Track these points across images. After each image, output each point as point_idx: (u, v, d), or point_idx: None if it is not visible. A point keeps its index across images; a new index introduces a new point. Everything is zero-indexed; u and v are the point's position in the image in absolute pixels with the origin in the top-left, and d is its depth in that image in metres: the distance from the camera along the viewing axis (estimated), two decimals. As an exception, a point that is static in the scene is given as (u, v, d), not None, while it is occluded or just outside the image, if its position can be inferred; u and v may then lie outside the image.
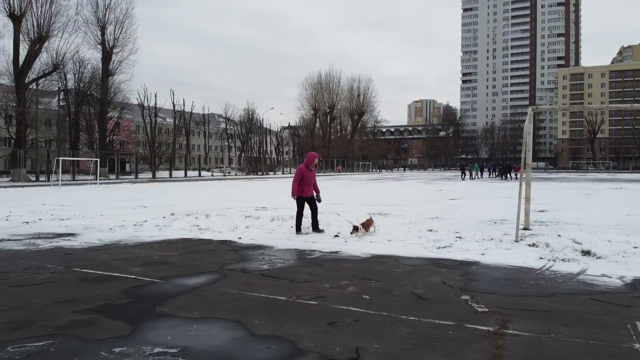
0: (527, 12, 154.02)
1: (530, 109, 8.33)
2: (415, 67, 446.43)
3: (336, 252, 7.03)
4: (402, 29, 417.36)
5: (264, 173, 60.31)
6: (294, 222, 9.84)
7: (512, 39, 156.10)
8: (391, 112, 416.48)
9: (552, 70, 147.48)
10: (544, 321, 3.98)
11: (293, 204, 9.24)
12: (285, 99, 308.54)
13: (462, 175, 42.60)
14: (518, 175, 44.17)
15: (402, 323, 3.94)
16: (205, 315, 4.19)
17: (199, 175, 50.86)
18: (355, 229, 8.47)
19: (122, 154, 59.76)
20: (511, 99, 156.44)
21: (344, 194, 20.73)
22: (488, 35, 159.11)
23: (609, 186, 28.24)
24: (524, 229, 8.85)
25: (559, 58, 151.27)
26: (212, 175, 53.36)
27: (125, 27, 49.56)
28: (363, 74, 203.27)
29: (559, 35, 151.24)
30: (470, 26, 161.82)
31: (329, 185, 30.60)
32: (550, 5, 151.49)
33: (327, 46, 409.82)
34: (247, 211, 12.65)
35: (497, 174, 46.99)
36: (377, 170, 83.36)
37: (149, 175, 49.26)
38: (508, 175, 43.65)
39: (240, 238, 8.34)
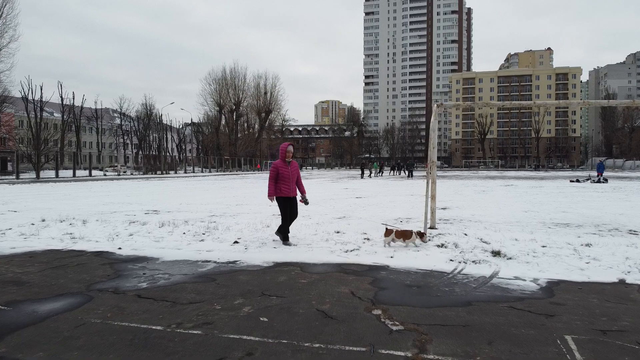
0: (424, 18, 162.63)
1: (435, 105, 8.08)
2: (321, 68, 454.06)
3: (234, 262, 6.18)
4: (308, 30, 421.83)
5: (163, 172, 57.06)
6: (189, 227, 8.80)
7: (411, 44, 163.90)
8: (299, 111, 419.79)
9: (447, 75, 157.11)
10: (466, 339, 3.48)
11: (191, 205, 8.21)
12: (186, 94, 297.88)
13: (362, 174, 43.56)
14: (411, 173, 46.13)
15: (305, 353, 3.23)
16: (52, 356, 3.19)
17: (90, 174, 46.75)
18: (388, 232, 7.06)
19: (2, 152, 53.38)
20: (410, 102, 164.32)
21: (248, 194, 19.77)
22: (388, 39, 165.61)
23: (500, 183, 30.04)
24: (430, 227, 8.61)
25: (452, 63, 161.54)
26: (105, 175, 49.33)
27: (5, 13, 44.64)
28: (270, 72, 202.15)
29: (452, 41, 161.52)
30: (371, 30, 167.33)
31: (234, 184, 29.38)
32: (445, 13, 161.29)
33: (230, 43, 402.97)
34: (136, 215, 11.27)
35: (402, 172, 48.70)
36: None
37: (33, 175, 44.36)
38: (410, 172, 45.39)
39: (120, 248, 7.16)
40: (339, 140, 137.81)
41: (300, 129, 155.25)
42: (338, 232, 8.19)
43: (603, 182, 29.81)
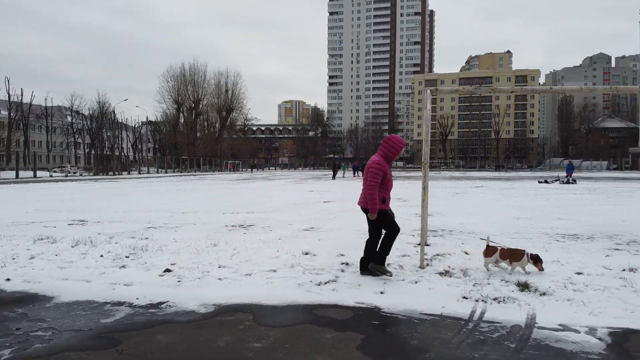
0: (388, 19, 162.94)
1: (428, 91, 6.38)
2: (286, 68, 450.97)
3: (158, 306, 4.28)
4: (272, 29, 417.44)
5: (115, 173, 53.70)
6: (111, 247, 6.78)
7: (374, 45, 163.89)
8: (262, 111, 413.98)
9: (409, 76, 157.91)
10: None
11: (130, 213, 6.26)
12: (147, 93, 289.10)
13: (333, 175, 41.89)
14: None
15: None
16: None
17: (34, 176, 43.13)
18: (491, 251, 5.43)
19: None
20: (373, 102, 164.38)
21: (200, 198, 17.69)
22: (352, 40, 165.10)
23: (469, 184, 29.00)
24: (419, 244, 6.90)
25: (415, 65, 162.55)
26: (51, 176, 45.73)
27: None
28: (231, 69, 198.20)
29: (415, 43, 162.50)
30: (335, 30, 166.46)
31: (189, 186, 27.07)
32: (409, 15, 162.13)
33: (194, 41, 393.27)
34: (55, 227, 9.10)
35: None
36: (249, 170, 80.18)
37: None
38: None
39: (8, 279, 5.15)
40: (303, 141, 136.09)
41: (263, 128, 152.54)
42: (307, 254, 6.35)
43: (572, 183, 29.24)
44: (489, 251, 5.41)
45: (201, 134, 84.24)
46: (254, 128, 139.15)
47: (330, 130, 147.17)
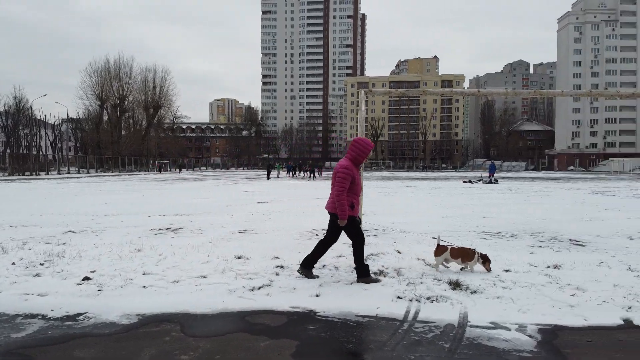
0: (321, 21, 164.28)
1: (362, 91, 6.38)
2: (218, 66, 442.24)
3: (75, 318, 3.91)
4: (204, 25, 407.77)
5: (33, 173, 50.05)
6: (25, 254, 6.20)
7: (308, 46, 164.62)
8: (193, 109, 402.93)
9: (342, 78, 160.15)
10: None
11: (46, 217, 5.69)
12: (69, 88, 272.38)
13: (268, 175, 41.34)
14: (316, 174, 45.15)
15: None
16: None
17: (-63, 176, 39.18)
18: (441, 250, 5.40)
19: None
20: (307, 103, 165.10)
21: (124, 200, 16.81)
22: (286, 39, 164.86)
23: (399, 184, 29.82)
24: (355, 243, 6.91)
25: (347, 67, 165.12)
26: (-42, 177, 41.77)
27: None
28: (159, 65, 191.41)
29: (348, 46, 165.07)
30: (269, 29, 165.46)
31: (113, 187, 25.68)
32: (341, 17, 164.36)
33: (120, 35, 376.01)
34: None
35: (306, 173, 47.21)
36: (178, 170, 77.58)
37: None
38: (313, 174, 44.25)
39: None
40: (236, 140, 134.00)
41: (193, 127, 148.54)
42: (240, 258, 6.11)
43: (494, 183, 30.83)
44: (440, 250, 5.44)
45: (126, 132, 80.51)
46: (184, 126, 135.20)
47: (264, 130, 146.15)
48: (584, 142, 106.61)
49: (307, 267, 5.15)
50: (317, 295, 4.50)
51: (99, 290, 4.65)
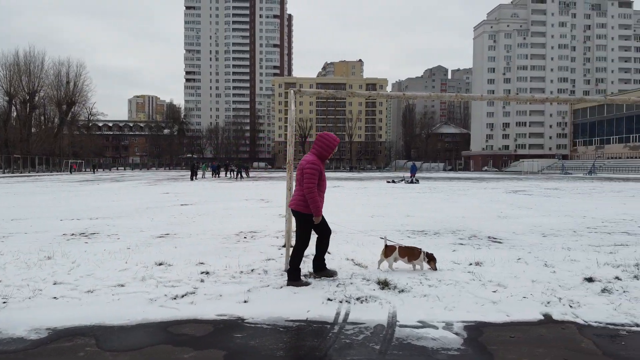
0: (247, 19, 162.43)
1: (292, 91, 6.25)
2: (138, 61, 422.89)
3: (-32, 338, 3.44)
4: (124, 19, 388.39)
5: None
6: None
7: (234, 44, 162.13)
8: (110, 106, 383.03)
9: (270, 78, 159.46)
10: None
11: None
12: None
13: (192, 176, 39.79)
14: (244, 175, 44.41)
15: None
16: None
17: None
18: (390, 250, 5.40)
19: None
20: (234, 102, 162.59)
21: (39, 202, 15.53)
22: (211, 36, 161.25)
23: (328, 184, 30.03)
24: (283, 246, 6.77)
25: (275, 67, 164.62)
26: None
27: None
28: (74, 59, 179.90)
29: (274, 45, 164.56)
30: (193, 25, 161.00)
31: (20, 189, 23.66)
32: (268, 17, 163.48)
33: (31, 27, 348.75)
34: None
35: (233, 173, 46.18)
36: (92, 170, 73.06)
37: None
38: (240, 174, 43.45)
39: None
40: (157, 139, 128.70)
41: (110, 124, 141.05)
42: (161, 264, 5.75)
43: (415, 183, 32.01)
44: (389, 250, 5.45)
45: (37, 129, 74.76)
46: (100, 124, 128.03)
47: (187, 129, 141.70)
48: (497, 144, 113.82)
49: (318, 270, 5.16)
50: (245, 302, 4.32)
51: (4, 302, 4.18)
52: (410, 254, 5.44)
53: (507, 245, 7.28)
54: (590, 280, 4.98)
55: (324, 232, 5.09)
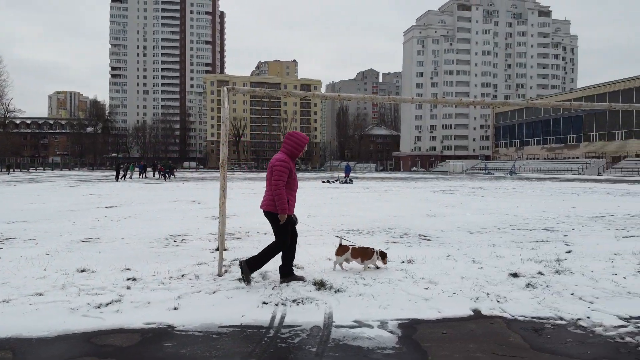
0: (178, 15, 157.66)
1: (225, 88, 6.08)
2: (60, 56, 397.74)
3: None
4: (46, 11, 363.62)
5: None
6: None
7: (163, 39, 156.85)
8: (27, 102, 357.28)
9: (201, 75, 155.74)
10: None
11: None
12: None
13: (117, 176, 37.82)
14: (171, 175, 42.73)
15: None
16: None
17: None
18: (342, 250, 5.42)
19: None
20: (162, 99, 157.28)
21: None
22: (138, 31, 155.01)
23: (263, 185, 29.80)
24: (216, 249, 6.57)
25: (206, 64, 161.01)
26: None
27: None
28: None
29: (206, 42, 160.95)
30: (119, 19, 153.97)
31: None
32: (199, 13, 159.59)
33: None
34: None
35: (159, 174, 44.38)
36: (7, 171, 67.73)
37: None
38: (168, 175, 41.90)
39: None
40: (80, 137, 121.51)
41: (29, 122, 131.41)
42: (84, 271, 5.37)
43: (349, 183, 32.51)
44: (341, 250, 5.42)
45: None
46: (18, 121, 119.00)
47: (113, 127, 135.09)
48: (425, 145, 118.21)
49: (286, 275, 4.95)
50: (175, 309, 4.12)
51: None
52: (364, 254, 5.48)
53: (437, 243, 7.52)
54: (515, 275, 5.24)
55: (293, 235, 5.00)
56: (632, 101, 61.19)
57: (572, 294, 4.53)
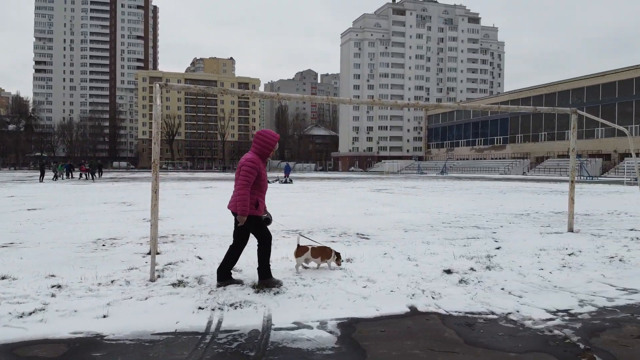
0: (107, 7, 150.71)
1: (157, 84, 5.84)
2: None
3: None
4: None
5: None
6: None
7: (92, 33, 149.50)
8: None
9: (133, 71, 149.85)
10: None
11: None
12: None
13: (41, 176, 35.39)
14: (95, 176, 40.53)
15: None
16: None
17: None
18: (301, 251, 5.31)
19: None
20: (91, 95, 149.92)
21: None
22: (65, 24, 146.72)
23: (198, 185, 29.16)
24: (148, 253, 6.29)
25: (138, 60, 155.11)
26: None
27: None
28: None
29: (138, 37, 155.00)
30: (45, 10, 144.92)
31: None
32: (130, 6, 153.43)
33: None
34: None
35: (86, 174, 42.01)
36: None
37: None
38: (93, 175, 39.83)
39: None
40: (1, 135, 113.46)
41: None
42: (4, 279, 4.93)
43: (289, 183, 32.47)
44: (301, 250, 5.33)
45: None
46: None
47: (37, 124, 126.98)
48: (362, 146, 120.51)
49: (223, 278, 4.78)
50: (104, 317, 3.90)
51: None
52: (323, 253, 5.45)
53: (374, 241, 7.64)
54: (449, 272, 5.42)
55: (243, 240, 4.86)
56: (554, 105, 65.73)
57: (502, 289, 4.75)
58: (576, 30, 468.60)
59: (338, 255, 5.56)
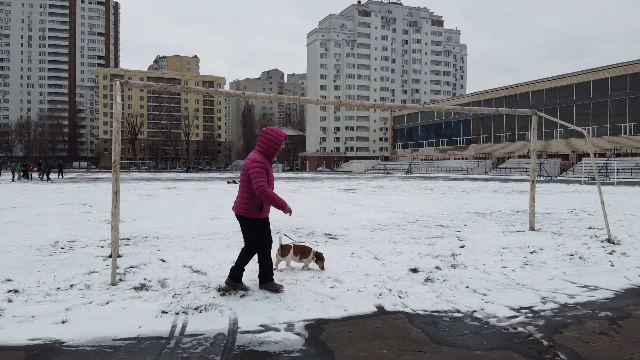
0: (67, 3, 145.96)
1: (117, 82, 5.67)
2: None
3: None
4: None
5: None
6: None
7: (50, 29, 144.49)
8: None
9: (93, 69, 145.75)
10: None
11: None
12: None
13: (13, 177, 33.95)
14: (50, 177, 38.97)
15: None
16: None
17: None
18: (285, 250, 5.30)
19: None
20: (49, 94, 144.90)
21: None
22: (23, 19, 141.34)
23: (161, 185, 28.57)
24: (109, 256, 6.11)
25: (99, 57, 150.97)
26: None
27: None
28: None
29: (99, 34, 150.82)
30: (2, 6, 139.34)
31: None
32: (91, 2, 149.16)
33: None
34: None
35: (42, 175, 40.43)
36: None
37: None
38: (48, 175, 38.37)
39: None
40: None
41: None
42: (-48, 285, 4.72)
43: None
44: (285, 250, 5.24)
45: None
46: None
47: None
48: (329, 146, 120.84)
49: (235, 279, 4.64)
50: (63, 322, 3.75)
51: None
52: (302, 252, 5.37)
53: (342, 241, 7.65)
54: (415, 270, 5.46)
55: (252, 245, 4.65)
56: (514, 106, 67.58)
57: (467, 287, 4.82)
58: (530, 34, 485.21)
59: (319, 255, 5.44)
